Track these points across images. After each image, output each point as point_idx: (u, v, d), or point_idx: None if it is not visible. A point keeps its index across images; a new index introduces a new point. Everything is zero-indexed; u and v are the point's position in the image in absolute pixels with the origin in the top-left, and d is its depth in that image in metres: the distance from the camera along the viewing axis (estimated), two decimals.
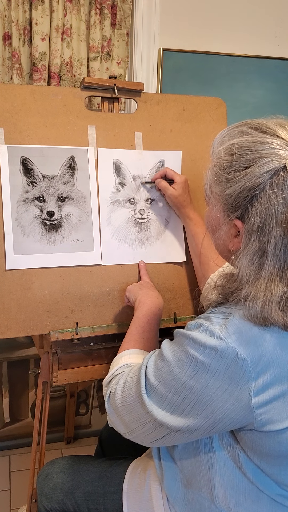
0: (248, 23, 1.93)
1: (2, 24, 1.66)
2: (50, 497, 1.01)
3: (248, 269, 0.69)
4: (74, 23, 1.72)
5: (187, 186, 1.17)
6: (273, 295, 0.66)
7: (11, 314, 1.07)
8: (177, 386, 0.69)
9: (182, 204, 1.17)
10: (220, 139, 0.75)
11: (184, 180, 1.17)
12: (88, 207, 1.16)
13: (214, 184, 0.75)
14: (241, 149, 0.69)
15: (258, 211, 0.67)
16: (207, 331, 0.68)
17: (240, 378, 0.65)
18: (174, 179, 1.18)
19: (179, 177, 1.17)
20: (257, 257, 0.68)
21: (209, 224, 0.80)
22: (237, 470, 0.75)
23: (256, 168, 0.67)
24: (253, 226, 0.68)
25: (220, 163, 0.72)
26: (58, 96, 1.17)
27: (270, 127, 0.69)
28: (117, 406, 0.78)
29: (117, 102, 1.24)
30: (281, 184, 0.65)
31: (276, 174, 0.66)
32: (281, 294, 0.66)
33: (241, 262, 0.70)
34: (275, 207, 0.66)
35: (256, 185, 0.67)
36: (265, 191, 0.66)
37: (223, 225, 0.75)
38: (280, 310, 0.66)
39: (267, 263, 0.67)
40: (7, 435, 1.82)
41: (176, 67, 1.86)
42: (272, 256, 0.67)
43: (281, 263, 0.67)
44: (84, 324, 1.12)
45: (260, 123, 0.71)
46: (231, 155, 0.70)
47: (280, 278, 0.67)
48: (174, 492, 0.85)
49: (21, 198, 1.10)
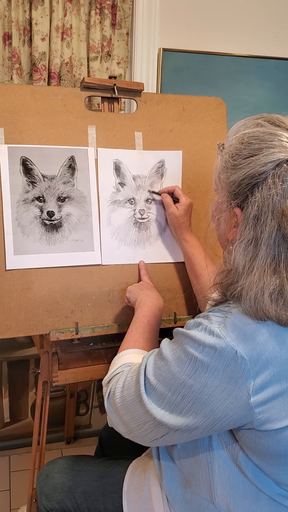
0: (248, 23, 1.93)
1: (2, 24, 1.67)
2: (50, 497, 1.01)
3: (243, 259, 0.70)
4: (74, 23, 1.72)
5: (190, 210, 1.17)
6: (265, 286, 0.66)
7: (11, 314, 1.07)
8: (176, 385, 0.69)
9: (180, 226, 1.17)
10: (236, 128, 0.77)
11: (189, 203, 1.17)
12: (88, 207, 1.16)
13: (221, 171, 0.76)
14: (251, 138, 0.71)
15: (257, 199, 0.68)
16: (206, 329, 0.68)
17: (239, 376, 0.65)
18: (179, 199, 1.17)
19: (184, 199, 1.17)
20: (252, 247, 0.69)
21: (213, 211, 0.81)
22: (236, 469, 0.75)
23: (262, 157, 0.68)
24: (250, 215, 0.69)
25: (230, 150, 0.74)
26: (58, 96, 1.17)
27: (284, 121, 0.71)
28: (116, 406, 0.78)
29: (117, 102, 1.24)
30: (283, 176, 0.66)
31: (279, 165, 0.67)
32: (274, 286, 0.67)
33: (236, 251, 0.71)
34: (273, 197, 0.66)
35: (259, 173, 0.68)
36: (267, 180, 0.67)
37: (224, 213, 0.76)
38: (272, 301, 0.66)
39: (260, 253, 0.68)
40: (7, 435, 1.82)
41: (176, 67, 1.86)
42: (266, 246, 0.68)
43: (275, 254, 0.67)
44: (84, 324, 1.12)
45: (275, 117, 0.72)
46: (241, 143, 0.72)
47: (274, 269, 0.67)
48: (174, 491, 0.85)
49: (21, 198, 1.10)
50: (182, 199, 1.17)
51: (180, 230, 1.17)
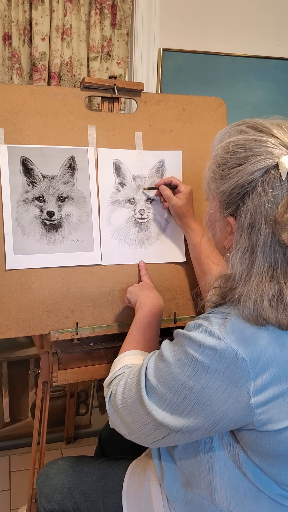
0: (248, 23, 1.93)
1: (2, 24, 1.66)
2: (50, 498, 1.01)
3: (240, 267, 0.70)
4: (74, 23, 1.72)
5: (191, 197, 1.17)
6: (264, 293, 0.66)
7: (11, 314, 1.06)
8: (177, 387, 0.69)
9: (185, 214, 1.17)
10: (220, 137, 0.76)
11: (189, 190, 1.16)
12: (88, 207, 1.16)
13: (211, 181, 0.76)
14: (236, 147, 0.70)
15: (249, 208, 0.68)
16: (206, 331, 0.68)
17: (239, 378, 0.65)
18: (179, 187, 1.17)
19: (184, 187, 1.17)
20: (248, 255, 0.69)
21: (207, 220, 0.81)
22: (237, 470, 0.75)
23: (249, 166, 0.67)
24: (244, 223, 0.69)
25: (217, 160, 0.74)
26: (58, 96, 1.17)
27: (267, 126, 0.70)
28: (117, 407, 0.78)
29: (117, 102, 1.24)
30: (272, 182, 0.66)
31: (267, 172, 0.66)
32: (273, 292, 0.66)
33: (233, 259, 0.71)
34: (265, 204, 0.66)
35: (248, 182, 0.68)
36: (256, 188, 0.67)
37: (219, 222, 0.76)
38: (272, 307, 0.66)
39: (257, 261, 0.68)
40: (7, 435, 1.82)
41: (176, 67, 1.86)
42: (262, 254, 0.67)
43: (271, 261, 0.67)
44: (84, 324, 1.12)
45: (258, 122, 0.71)
46: (227, 152, 0.71)
47: (272, 276, 0.67)
48: (174, 492, 0.85)
49: (21, 198, 1.10)
50: (182, 188, 1.17)
51: (186, 218, 1.17)
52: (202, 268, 1.13)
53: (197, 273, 1.17)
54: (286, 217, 0.65)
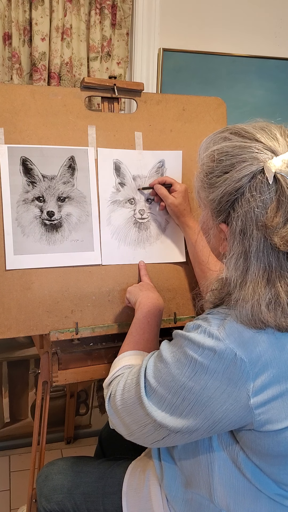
0: (248, 23, 1.93)
1: (2, 24, 1.66)
2: (50, 498, 1.01)
3: (235, 273, 0.69)
4: (74, 23, 1.72)
5: (187, 195, 1.17)
6: (261, 298, 0.66)
7: (11, 314, 1.07)
8: (176, 387, 0.69)
9: (182, 213, 1.17)
10: (205, 145, 0.76)
11: (184, 189, 1.17)
12: (88, 207, 1.16)
13: (200, 190, 0.76)
14: (221, 155, 0.70)
15: (239, 214, 0.67)
16: (205, 332, 0.68)
17: (238, 378, 0.65)
18: (174, 186, 1.17)
19: (179, 186, 1.17)
20: (242, 261, 0.68)
21: (202, 228, 0.81)
22: (236, 470, 0.75)
23: (235, 173, 0.67)
24: (236, 230, 0.68)
25: (204, 169, 0.74)
26: (58, 96, 1.17)
27: (250, 131, 0.70)
28: (117, 408, 0.78)
29: (117, 102, 1.24)
30: (260, 187, 0.65)
31: (254, 177, 0.66)
32: (269, 296, 0.66)
33: (227, 265, 0.71)
34: (254, 210, 0.66)
35: (236, 189, 0.67)
36: (245, 194, 0.67)
37: (212, 229, 0.76)
38: (270, 311, 0.66)
39: (251, 267, 0.68)
40: (7, 435, 1.82)
41: (176, 67, 1.86)
42: (256, 259, 0.67)
43: (266, 265, 0.67)
44: (84, 324, 1.12)
45: (241, 128, 0.71)
46: (213, 161, 0.71)
47: (267, 280, 0.67)
48: (174, 492, 0.85)
49: (21, 198, 1.10)
50: (177, 186, 1.17)
51: (183, 217, 1.17)
52: (201, 267, 1.13)
53: (197, 272, 1.17)
54: (276, 221, 0.64)
